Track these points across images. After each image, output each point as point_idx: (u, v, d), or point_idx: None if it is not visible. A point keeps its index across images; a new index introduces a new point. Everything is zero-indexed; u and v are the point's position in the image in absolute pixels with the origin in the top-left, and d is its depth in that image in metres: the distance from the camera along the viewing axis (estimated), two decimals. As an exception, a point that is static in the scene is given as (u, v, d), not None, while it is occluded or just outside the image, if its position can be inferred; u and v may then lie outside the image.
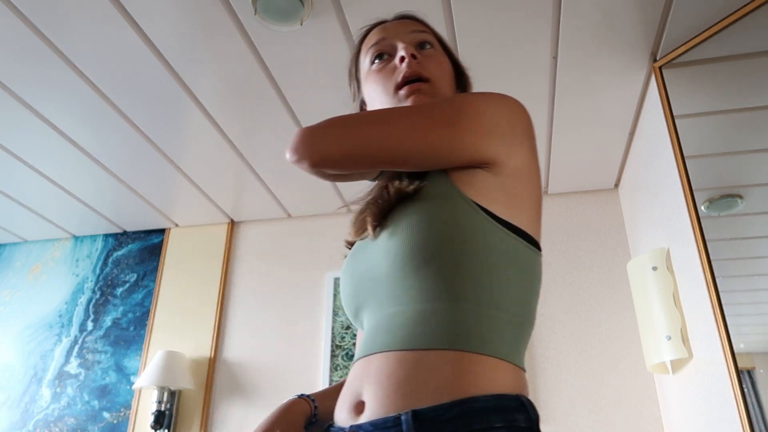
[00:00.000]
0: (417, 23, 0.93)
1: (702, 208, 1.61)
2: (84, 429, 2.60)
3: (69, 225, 2.96)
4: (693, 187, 1.64)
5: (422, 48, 0.89)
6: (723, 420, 1.51)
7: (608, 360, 2.26)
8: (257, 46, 1.80)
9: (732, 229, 1.58)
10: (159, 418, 2.42)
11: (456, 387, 0.64)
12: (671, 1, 1.61)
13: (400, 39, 0.88)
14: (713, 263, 1.54)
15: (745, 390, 1.40)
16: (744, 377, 1.41)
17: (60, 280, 2.98)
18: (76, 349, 2.79)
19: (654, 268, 1.87)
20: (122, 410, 2.60)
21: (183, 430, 2.51)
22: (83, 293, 2.91)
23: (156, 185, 2.59)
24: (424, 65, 0.85)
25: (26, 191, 2.63)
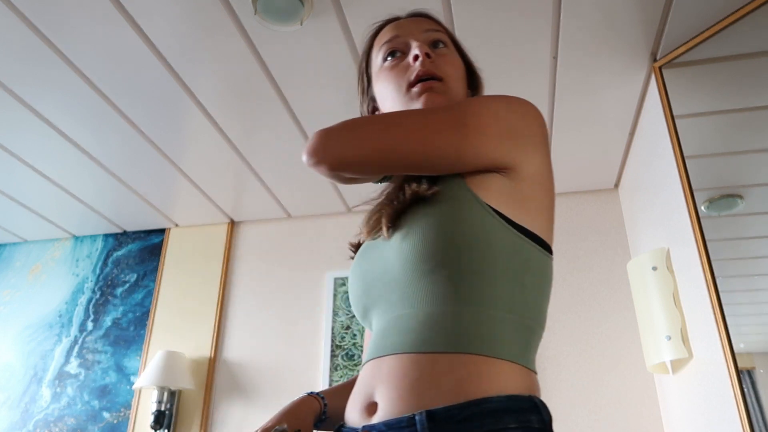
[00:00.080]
0: (431, 22, 0.92)
1: (702, 208, 1.61)
2: (84, 429, 2.60)
3: (69, 225, 2.96)
4: (693, 187, 1.64)
5: (435, 47, 0.88)
6: (723, 420, 1.51)
7: (608, 360, 2.26)
8: (257, 46, 1.80)
9: (732, 229, 1.58)
10: (159, 418, 2.42)
11: (470, 388, 0.65)
12: (671, 1, 1.61)
13: (415, 37, 0.87)
14: (713, 263, 1.54)
15: (745, 390, 1.40)
16: (744, 377, 1.41)
17: (60, 280, 2.98)
18: (76, 349, 2.79)
19: (654, 268, 1.87)
20: (122, 410, 2.60)
21: (183, 430, 2.51)
22: (83, 293, 2.91)
23: (156, 185, 2.59)
24: (438, 64, 0.85)
25: (26, 191, 2.63)
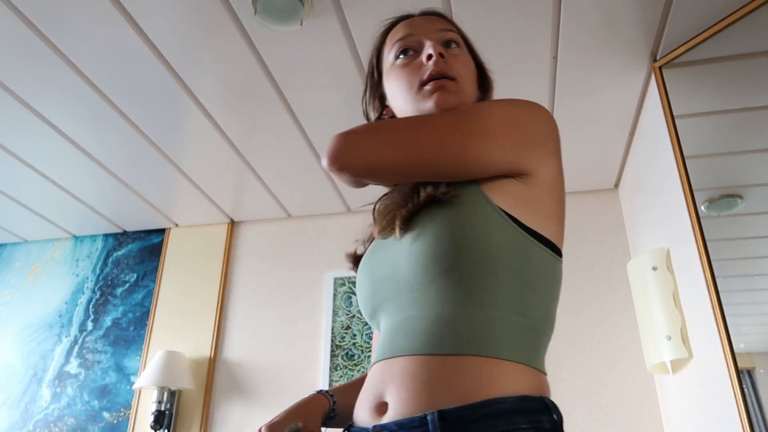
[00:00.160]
0: (445, 21, 0.92)
1: (702, 208, 1.61)
2: (84, 429, 2.60)
3: (69, 225, 2.96)
4: (693, 187, 1.64)
5: (448, 47, 0.88)
6: (723, 420, 1.51)
7: (608, 360, 2.26)
8: (257, 46, 1.80)
9: (732, 229, 1.58)
10: (159, 418, 2.42)
11: (481, 389, 0.65)
12: (671, 1, 1.61)
13: (428, 36, 0.87)
14: (713, 263, 1.53)
15: (745, 390, 1.40)
16: (744, 377, 1.41)
17: (60, 280, 2.98)
18: (76, 349, 2.79)
19: (654, 268, 1.87)
20: (122, 410, 2.60)
21: (183, 430, 2.51)
22: (83, 293, 2.91)
23: (156, 185, 2.59)
24: (450, 64, 0.85)
25: (26, 191, 2.63)
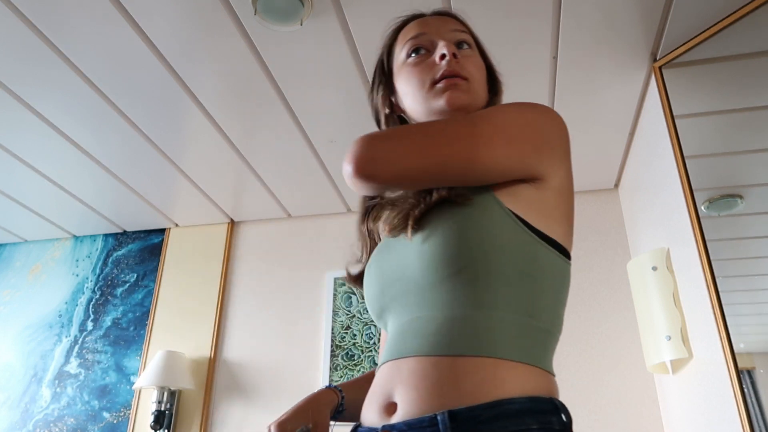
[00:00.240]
0: (457, 22, 0.92)
1: (702, 208, 1.61)
2: (84, 429, 2.60)
3: (69, 225, 2.96)
4: (693, 187, 1.64)
5: (460, 47, 0.89)
6: (723, 420, 1.51)
7: (608, 360, 2.26)
8: (257, 46, 1.80)
9: (732, 229, 1.58)
10: (159, 418, 2.42)
11: (491, 389, 0.65)
12: (671, 1, 1.61)
13: (441, 36, 0.88)
14: (713, 263, 1.53)
15: (745, 390, 1.40)
16: (744, 377, 1.41)
17: (60, 280, 2.98)
18: (76, 349, 2.79)
19: (654, 268, 1.87)
20: (122, 410, 2.60)
21: (183, 430, 2.51)
22: (83, 293, 2.91)
23: (156, 185, 2.59)
24: (463, 65, 0.85)
25: (26, 191, 2.63)
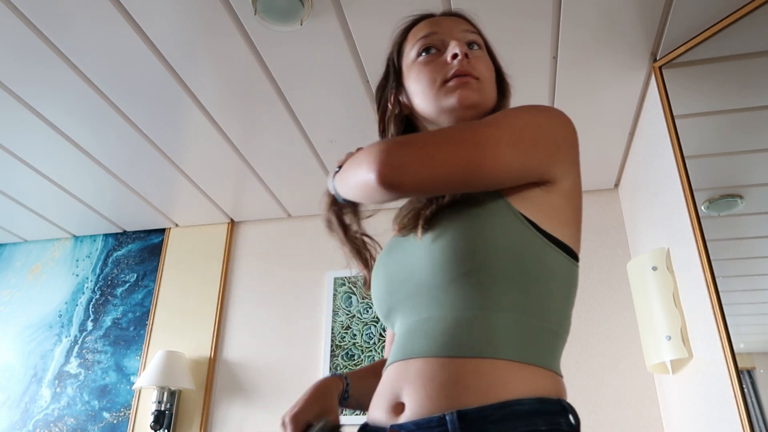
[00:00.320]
0: (468, 23, 0.93)
1: (702, 208, 1.61)
2: (84, 429, 2.60)
3: (69, 225, 2.96)
4: (693, 187, 1.64)
5: (470, 48, 0.89)
6: (723, 420, 1.51)
7: (608, 360, 2.26)
8: (257, 46, 1.80)
9: (732, 229, 1.58)
10: (159, 418, 2.42)
11: (500, 390, 0.65)
12: (671, 1, 1.61)
13: (453, 36, 0.88)
14: (713, 263, 1.53)
15: (745, 390, 1.40)
16: (744, 377, 1.41)
17: (60, 280, 2.98)
18: (76, 349, 2.79)
19: (654, 268, 1.87)
20: (122, 410, 2.60)
21: (183, 430, 2.51)
22: (83, 293, 2.91)
23: (156, 185, 2.59)
24: (474, 65, 0.86)
25: (26, 191, 2.63)
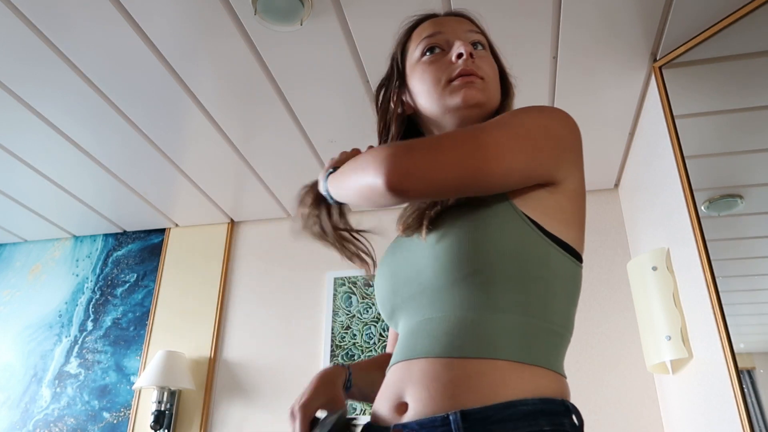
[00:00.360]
0: (472, 23, 0.93)
1: (702, 208, 1.61)
2: (84, 429, 2.60)
3: (69, 225, 2.96)
4: (693, 187, 1.64)
5: (475, 48, 0.90)
6: (723, 420, 1.51)
7: (608, 360, 2.26)
8: (257, 46, 1.80)
9: (732, 229, 1.58)
10: (159, 418, 2.42)
11: (503, 390, 0.65)
12: (671, 1, 1.61)
13: (458, 36, 0.89)
14: (713, 263, 1.53)
15: (745, 390, 1.40)
16: (744, 377, 1.41)
17: (60, 280, 2.98)
18: (76, 349, 2.79)
19: (654, 268, 1.87)
20: (122, 410, 2.60)
21: (183, 430, 2.51)
22: (83, 293, 2.91)
23: (156, 185, 2.59)
24: (479, 65, 0.86)
25: (26, 191, 2.63)
